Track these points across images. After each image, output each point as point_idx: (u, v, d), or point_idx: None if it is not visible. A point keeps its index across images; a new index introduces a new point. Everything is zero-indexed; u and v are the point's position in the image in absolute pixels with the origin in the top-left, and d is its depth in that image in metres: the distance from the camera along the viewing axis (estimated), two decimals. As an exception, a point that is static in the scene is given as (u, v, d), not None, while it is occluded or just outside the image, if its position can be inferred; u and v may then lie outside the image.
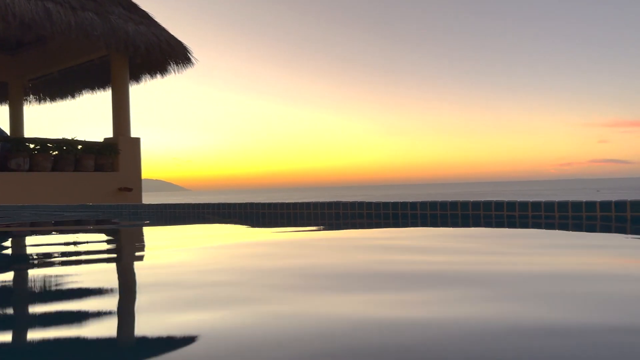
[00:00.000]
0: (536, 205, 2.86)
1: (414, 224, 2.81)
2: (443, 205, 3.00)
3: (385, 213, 3.18)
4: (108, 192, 9.49)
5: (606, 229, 2.42)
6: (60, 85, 12.37)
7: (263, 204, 3.77)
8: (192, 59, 10.23)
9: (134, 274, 1.52)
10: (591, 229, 2.44)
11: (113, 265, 1.71)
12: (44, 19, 8.05)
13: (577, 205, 2.78)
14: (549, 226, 2.51)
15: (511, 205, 2.89)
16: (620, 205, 2.68)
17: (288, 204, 3.55)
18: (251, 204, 3.89)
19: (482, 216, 2.93)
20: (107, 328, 0.86)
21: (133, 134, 10.06)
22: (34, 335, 0.84)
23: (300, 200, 3.52)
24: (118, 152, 9.66)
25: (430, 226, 2.69)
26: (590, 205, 2.75)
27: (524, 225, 2.63)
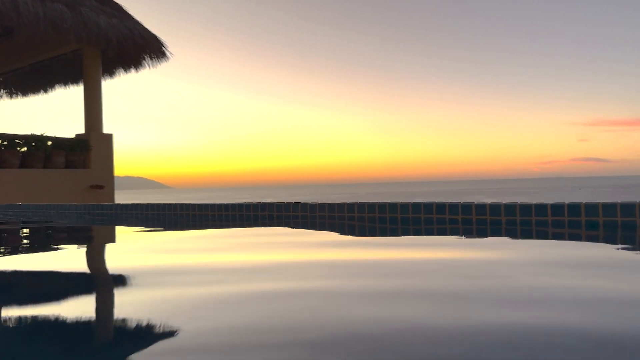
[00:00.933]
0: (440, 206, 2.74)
1: (331, 228, 2.68)
2: (381, 207, 2.82)
3: (322, 215, 2.97)
4: (79, 189, 9.22)
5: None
6: (32, 80, 12.03)
7: (194, 205, 3.50)
8: (167, 53, 10.00)
9: None
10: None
11: None
12: (10, 10, 7.75)
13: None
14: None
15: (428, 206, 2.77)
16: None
17: (219, 205, 3.30)
18: (181, 205, 3.62)
19: (411, 220, 2.75)
20: None
21: (111, 130, 9.85)
22: None
23: (232, 202, 3.27)
24: (89, 148, 9.39)
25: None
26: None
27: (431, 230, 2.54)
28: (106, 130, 9.81)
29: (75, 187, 9.17)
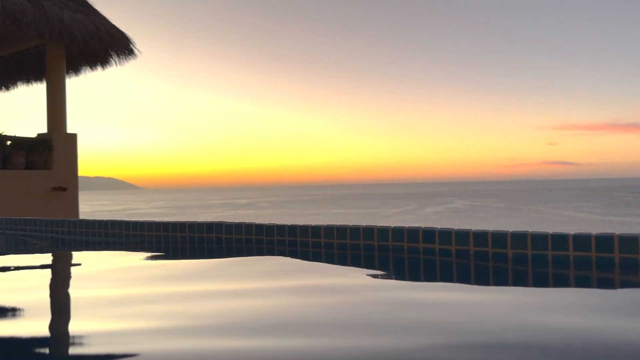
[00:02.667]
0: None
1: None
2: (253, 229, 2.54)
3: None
4: (41, 191, 8.81)
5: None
6: (-8, 77, 11.52)
7: (113, 223, 3.06)
8: (135, 51, 9.64)
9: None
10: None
11: None
12: (-35, 2, 7.34)
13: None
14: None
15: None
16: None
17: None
18: (99, 223, 3.14)
19: (245, 240, 2.59)
20: None
21: (81, 130, 9.47)
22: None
23: (128, 219, 2.81)
24: (52, 148, 8.99)
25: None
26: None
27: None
28: (74, 129, 9.45)
29: (36, 189, 8.76)
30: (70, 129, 9.48)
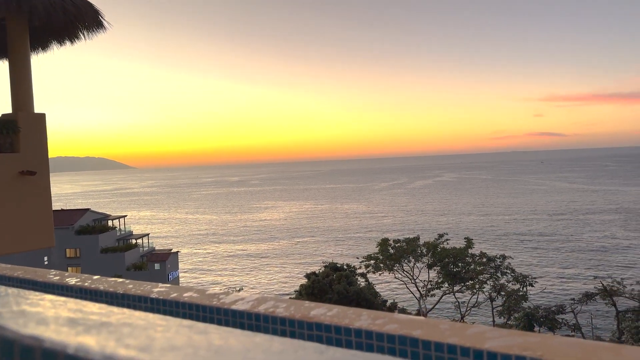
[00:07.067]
0: None
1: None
2: None
3: None
4: (7, 176, 8.23)
5: None
6: (-46, 55, 10.78)
7: None
8: (105, 23, 8.99)
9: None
10: None
11: None
12: None
13: None
14: None
15: None
16: None
17: None
18: None
19: None
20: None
21: (65, 109, 8.79)
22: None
23: None
24: (18, 130, 8.38)
25: None
26: None
27: None
28: (62, 109, 8.86)
29: (2, 174, 8.18)
30: (57, 109, 8.97)
